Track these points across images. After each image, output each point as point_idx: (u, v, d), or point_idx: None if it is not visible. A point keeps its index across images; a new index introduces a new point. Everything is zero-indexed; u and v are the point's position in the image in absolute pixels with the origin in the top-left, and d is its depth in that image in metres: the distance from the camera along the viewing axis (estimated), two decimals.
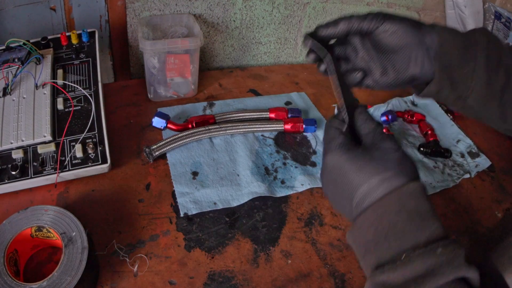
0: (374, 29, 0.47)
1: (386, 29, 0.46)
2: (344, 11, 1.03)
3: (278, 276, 0.58)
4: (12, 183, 0.59)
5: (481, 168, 0.80)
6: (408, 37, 0.46)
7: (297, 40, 1.06)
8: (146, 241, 0.59)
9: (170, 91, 0.85)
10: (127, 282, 0.53)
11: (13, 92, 0.67)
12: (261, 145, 0.77)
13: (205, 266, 0.57)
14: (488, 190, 0.77)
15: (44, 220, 0.52)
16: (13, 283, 0.46)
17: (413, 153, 0.81)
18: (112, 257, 0.56)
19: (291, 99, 0.91)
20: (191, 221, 0.62)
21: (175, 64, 0.81)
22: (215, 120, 0.78)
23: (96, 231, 0.58)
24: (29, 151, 0.62)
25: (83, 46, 0.76)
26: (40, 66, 0.70)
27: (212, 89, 0.91)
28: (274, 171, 0.73)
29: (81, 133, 0.65)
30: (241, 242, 0.61)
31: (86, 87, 0.70)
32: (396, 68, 0.48)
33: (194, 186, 0.67)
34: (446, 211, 0.71)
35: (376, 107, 0.88)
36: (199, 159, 0.72)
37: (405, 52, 0.47)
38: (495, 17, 1.10)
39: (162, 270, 0.56)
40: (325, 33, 0.47)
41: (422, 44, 0.46)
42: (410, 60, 0.47)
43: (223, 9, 0.92)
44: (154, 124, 0.75)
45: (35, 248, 0.55)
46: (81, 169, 0.62)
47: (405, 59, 0.47)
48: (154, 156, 0.70)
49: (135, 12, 0.85)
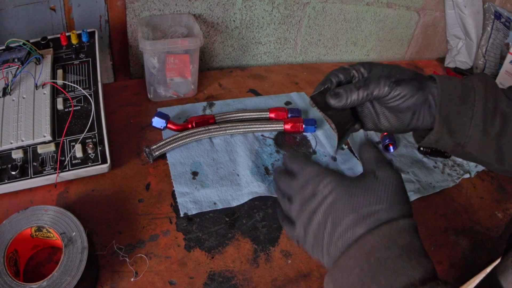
0: (386, 95, 0.48)
1: (395, 95, 0.48)
2: (344, 11, 1.03)
3: (278, 276, 0.58)
4: (12, 183, 0.59)
5: (481, 168, 0.80)
6: (414, 100, 0.48)
7: (297, 40, 1.06)
8: (146, 241, 0.59)
9: (170, 91, 0.85)
10: (127, 282, 0.53)
11: (13, 92, 0.67)
12: (261, 145, 0.77)
13: (205, 266, 0.57)
14: (488, 190, 0.77)
15: (44, 220, 0.52)
16: (13, 283, 0.46)
17: (413, 153, 0.81)
18: (112, 257, 0.56)
19: (291, 99, 0.91)
20: (191, 221, 0.62)
21: (175, 64, 0.81)
22: (215, 120, 0.78)
23: (96, 231, 0.58)
24: (29, 151, 0.62)
25: (83, 46, 0.76)
26: (40, 66, 0.70)
27: (212, 89, 0.91)
28: (274, 171, 0.73)
29: (81, 133, 0.65)
30: (241, 242, 0.61)
31: (86, 87, 0.70)
32: (400, 122, 0.51)
33: (194, 186, 0.67)
34: (446, 211, 0.71)
35: None
36: (199, 159, 0.72)
37: (410, 111, 0.49)
38: (495, 17, 1.10)
39: (162, 270, 0.56)
40: (338, 105, 0.48)
41: (425, 102, 0.49)
42: (414, 117, 0.49)
43: (223, 9, 0.92)
44: (154, 124, 0.75)
45: (35, 248, 0.55)
46: (81, 169, 0.62)
47: (409, 116, 0.49)
48: (154, 156, 0.70)
49: (135, 12, 0.85)
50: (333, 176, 0.40)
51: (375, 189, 0.37)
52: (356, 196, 0.37)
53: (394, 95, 0.47)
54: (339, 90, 0.48)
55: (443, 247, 0.65)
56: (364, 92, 0.47)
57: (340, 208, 0.37)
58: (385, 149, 0.80)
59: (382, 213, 0.35)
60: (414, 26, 1.16)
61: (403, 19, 1.12)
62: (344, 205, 0.37)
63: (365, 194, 0.37)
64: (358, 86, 0.47)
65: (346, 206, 0.37)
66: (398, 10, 1.09)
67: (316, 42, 1.08)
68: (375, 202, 0.36)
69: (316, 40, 1.08)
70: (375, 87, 0.47)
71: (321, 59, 1.14)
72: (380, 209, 0.35)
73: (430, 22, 1.17)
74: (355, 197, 0.37)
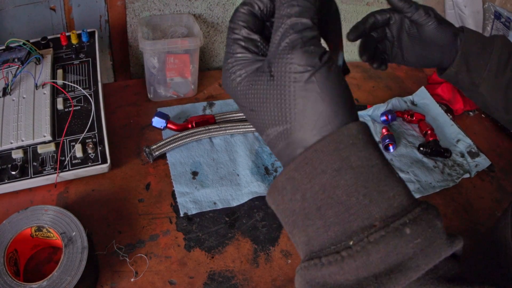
0: (425, 23, 0.57)
1: (433, 28, 0.57)
2: (343, 11, 1.03)
3: (278, 276, 0.58)
4: (12, 183, 0.59)
5: (481, 168, 0.80)
6: (447, 33, 0.57)
7: None
8: (146, 241, 0.59)
9: (170, 91, 0.85)
10: (127, 282, 0.53)
11: (13, 92, 0.67)
12: (261, 145, 0.77)
13: (205, 266, 0.57)
14: (488, 190, 0.77)
15: (44, 220, 0.52)
16: (13, 283, 0.46)
17: (413, 153, 0.81)
18: (112, 257, 0.56)
19: None
20: (191, 221, 0.63)
21: (175, 64, 0.81)
22: (215, 120, 0.78)
23: (96, 231, 0.58)
24: (29, 151, 0.62)
25: (83, 46, 0.76)
26: (40, 66, 0.70)
27: (212, 89, 0.91)
28: (274, 170, 0.73)
29: (81, 133, 0.65)
30: (241, 242, 0.61)
31: (86, 87, 0.70)
32: (427, 57, 0.60)
33: (194, 186, 0.67)
34: (446, 211, 0.71)
35: (376, 107, 0.88)
36: (199, 159, 0.72)
37: (439, 45, 0.58)
38: (494, 17, 1.10)
39: (162, 270, 0.56)
40: (379, 18, 0.59)
41: (455, 42, 0.57)
42: (441, 52, 0.58)
43: (223, 9, 0.92)
44: (154, 124, 0.75)
45: (35, 248, 0.55)
46: (81, 169, 0.62)
47: (438, 51, 0.58)
48: (154, 156, 0.70)
49: (135, 12, 0.85)
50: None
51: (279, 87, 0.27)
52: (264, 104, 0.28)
53: (432, 25, 0.56)
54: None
55: None
56: (408, 12, 0.57)
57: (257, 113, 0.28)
58: (385, 149, 0.80)
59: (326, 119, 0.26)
60: None
61: None
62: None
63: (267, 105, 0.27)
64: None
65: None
66: None
67: None
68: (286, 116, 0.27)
69: None
70: (418, 12, 0.56)
71: None
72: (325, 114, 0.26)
73: None
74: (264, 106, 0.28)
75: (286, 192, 0.27)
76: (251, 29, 0.29)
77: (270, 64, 0.27)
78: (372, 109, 0.88)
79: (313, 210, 0.25)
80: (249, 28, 0.29)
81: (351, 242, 0.24)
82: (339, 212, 0.25)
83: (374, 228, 0.24)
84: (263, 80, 0.27)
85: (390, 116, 0.85)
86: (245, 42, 0.29)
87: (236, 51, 0.29)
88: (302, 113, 0.26)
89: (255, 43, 0.29)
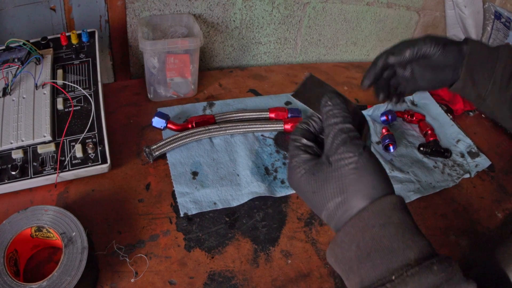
0: (433, 54, 0.56)
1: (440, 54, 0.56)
2: (344, 11, 1.03)
3: (278, 276, 0.58)
4: (12, 183, 0.59)
5: (481, 168, 0.80)
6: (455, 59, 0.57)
7: (297, 40, 1.06)
8: (146, 241, 0.59)
9: (170, 91, 0.85)
10: (127, 282, 0.53)
11: (13, 92, 0.67)
12: (261, 145, 0.77)
13: (205, 266, 0.57)
14: (488, 190, 0.77)
15: (44, 220, 0.52)
16: (13, 283, 0.46)
17: (413, 153, 0.81)
18: (112, 257, 0.56)
19: (291, 99, 0.91)
20: (191, 221, 0.62)
21: (175, 64, 0.81)
22: (215, 120, 0.78)
23: (96, 231, 0.58)
24: (29, 151, 0.62)
25: (83, 46, 0.76)
26: (40, 66, 0.70)
27: (212, 89, 0.91)
28: (274, 171, 0.73)
29: (81, 133, 0.65)
30: (241, 242, 0.61)
31: (86, 87, 0.70)
32: (439, 79, 0.59)
33: (194, 186, 0.67)
34: (446, 211, 0.71)
35: (376, 107, 0.88)
36: (199, 159, 0.72)
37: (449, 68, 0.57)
38: (495, 17, 1.10)
39: (162, 270, 0.56)
40: (393, 61, 0.57)
41: (461, 56, 0.57)
42: (452, 74, 0.58)
43: (223, 9, 0.92)
44: (154, 124, 0.75)
45: (35, 248, 0.55)
46: (81, 169, 0.62)
47: (451, 72, 0.58)
48: (154, 156, 0.70)
49: (135, 12, 0.85)
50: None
51: (335, 177, 0.37)
52: (319, 191, 0.38)
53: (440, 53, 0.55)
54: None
55: (443, 247, 0.65)
56: (415, 49, 0.56)
57: (312, 200, 0.39)
58: (385, 149, 0.80)
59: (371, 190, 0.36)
60: (414, 26, 1.16)
61: (403, 19, 1.12)
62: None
63: (326, 187, 0.37)
64: (408, 45, 0.56)
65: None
66: (398, 10, 1.09)
67: (316, 42, 1.08)
68: (340, 192, 0.37)
69: (316, 40, 1.08)
70: (423, 44, 0.56)
71: (321, 59, 1.14)
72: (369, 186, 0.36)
73: (430, 22, 1.17)
74: (319, 192, 0.38)
75: (344, 244, 0.36)
76: (307, 139, 0.41)
77: (328, 157, 0.38)
78: (372, 109, 0.88)
79: (365, 255, 0.34)
80: (306, 139, 0.41)
81: (393, 277, 0.32)
82: (384, 255, 0.33)
83: (410, 266, 0.32)
84: (323, 168, 0.37)
85: (390, 116, 0.85)
86: (304, 147, 0.40)
87: (299, 154, 0.40)
88: (354, 185, 0.36)
89: (312, 149, 0.40)
